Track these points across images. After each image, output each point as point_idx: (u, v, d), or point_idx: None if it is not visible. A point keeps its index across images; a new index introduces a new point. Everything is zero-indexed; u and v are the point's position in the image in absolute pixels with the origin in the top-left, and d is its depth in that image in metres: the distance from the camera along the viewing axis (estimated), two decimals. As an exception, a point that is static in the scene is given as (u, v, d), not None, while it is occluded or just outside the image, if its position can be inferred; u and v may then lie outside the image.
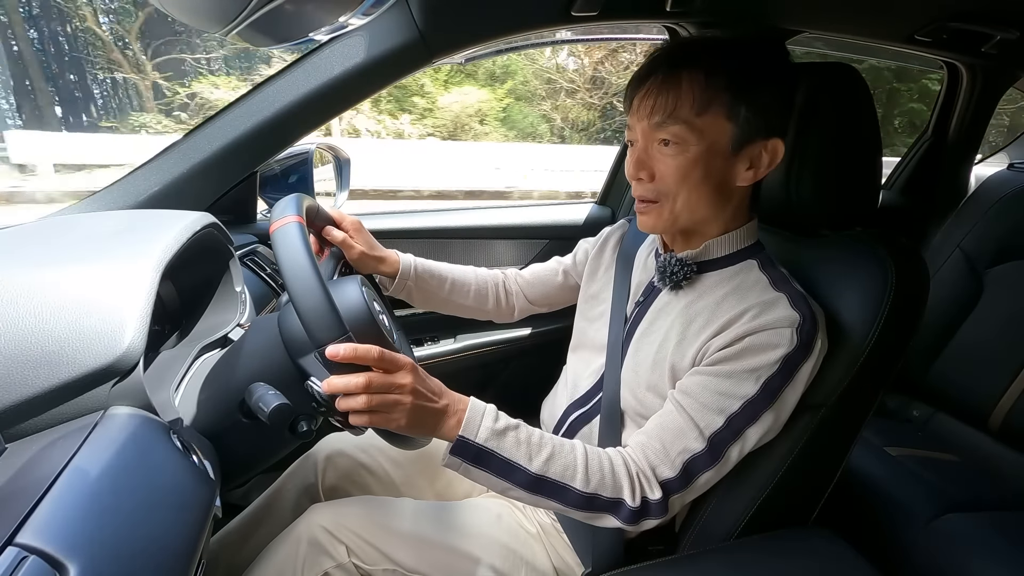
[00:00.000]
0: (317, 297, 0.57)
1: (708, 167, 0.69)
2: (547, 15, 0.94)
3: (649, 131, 0.71)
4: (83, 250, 0.65)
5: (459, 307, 1.02)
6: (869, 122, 0.78)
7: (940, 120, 1.61)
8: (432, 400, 0.64)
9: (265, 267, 1.03)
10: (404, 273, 0.93)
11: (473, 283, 1.01)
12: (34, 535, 0.38)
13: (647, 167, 0.71)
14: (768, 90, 0.69)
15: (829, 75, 0.77)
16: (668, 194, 0.71)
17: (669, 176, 0.70)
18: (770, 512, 0.77)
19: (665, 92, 0.68)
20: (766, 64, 0.70)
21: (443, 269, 0.99)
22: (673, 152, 0.69)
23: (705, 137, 0.68)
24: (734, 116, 0.68)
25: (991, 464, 1.25)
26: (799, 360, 0.67)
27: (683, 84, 0.68)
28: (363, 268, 0.90)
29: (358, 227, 0.89)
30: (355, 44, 0.91)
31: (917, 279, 0.73)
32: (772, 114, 0.70)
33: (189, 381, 0.69)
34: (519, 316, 1.06)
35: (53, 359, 0.51)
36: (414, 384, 0.62)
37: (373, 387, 0.59)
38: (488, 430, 0.65)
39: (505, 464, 0.65)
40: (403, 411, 0.61)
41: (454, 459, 0.65)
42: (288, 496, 0.92)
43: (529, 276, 1.05)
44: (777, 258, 0.77)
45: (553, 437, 0.69)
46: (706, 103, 0.67)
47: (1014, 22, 1.14)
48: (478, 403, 0.67)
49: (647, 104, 0.70)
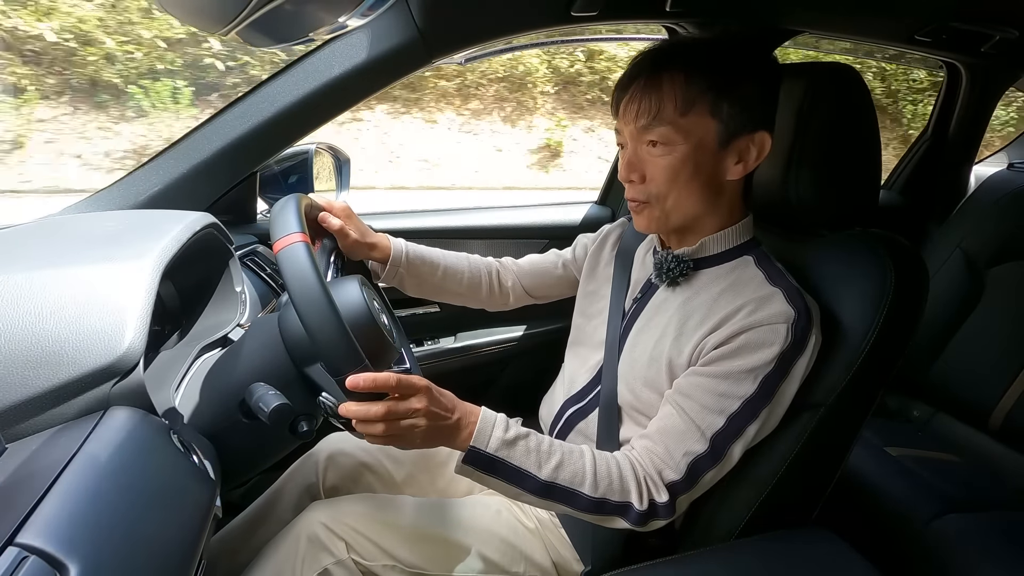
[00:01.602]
0: (333, 327, 0.57)
1: (697, 165, 0.71)
2: (547, 15, 0.94)
3: (636, 134, 0.72)
4: (83, 250, 0.65)
5: (452, 294, 1.00)
6: (868, 122, 0.78)
7: (940, 120, 1.61)
8: (446, 417, 0.65)
9: (265, 267, 1.03)
10: (395, 259, 0.92)
11: (467, 270, 1.00)
12: (35, 535, 0.38)
13: (638, 169, 0.73)
14: (749, 85, 0.70)
15: (829, 75, 0.77)
16: (659, 195, 0.73)
17: (659, 176, 0.72)
18: (771, 511, 0.77)
19: (648, 95, 0.70)
20: (745, 60, 0.72)
21: (436, 255, 0.97)
22: (661, 153, 0.71)
23: (691, 136, 0.70)
24: (718, 113, 0.69)
25: (991, 464, 1.25)
26: (794, 356, 0.68)
27: (664, 86, 0.69)
28: (356, 255, 0.89)
29: (348, 212, 0.87)
30: (355, 44, 0.91)
31: (916, 279, 0.73)
32: (756, 108, 0.71)
33: (189, 381, 0.69)
34: (515, 305, 1.05)
35: (53, 359, 0.51)
36: (429, 407, 0.63)
37: (391, 415, 0.60)
38: (499, 440, 0.67)
39: (515, 472, 0.67)
40: (418, 433, 0.63)
41: (466, 467, 0.67)
42: (289, 496, 0.92)
43: (527, 266, 1.05)
44: (776, 258, 0.77)
45: (563, 444, 0.71)
46: (689, 103, 0.69)
47: (1014, 22, 1.14)
48: (489, 414, 0.69)
49: (632, 108, 0.71)
